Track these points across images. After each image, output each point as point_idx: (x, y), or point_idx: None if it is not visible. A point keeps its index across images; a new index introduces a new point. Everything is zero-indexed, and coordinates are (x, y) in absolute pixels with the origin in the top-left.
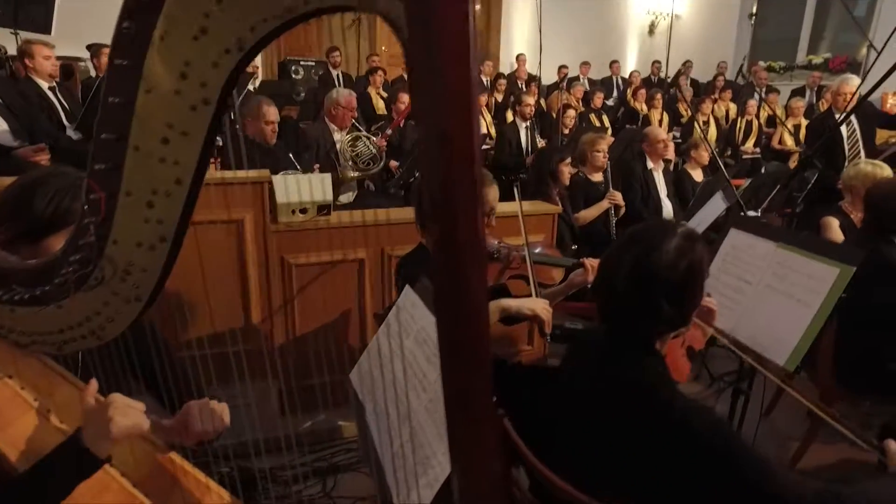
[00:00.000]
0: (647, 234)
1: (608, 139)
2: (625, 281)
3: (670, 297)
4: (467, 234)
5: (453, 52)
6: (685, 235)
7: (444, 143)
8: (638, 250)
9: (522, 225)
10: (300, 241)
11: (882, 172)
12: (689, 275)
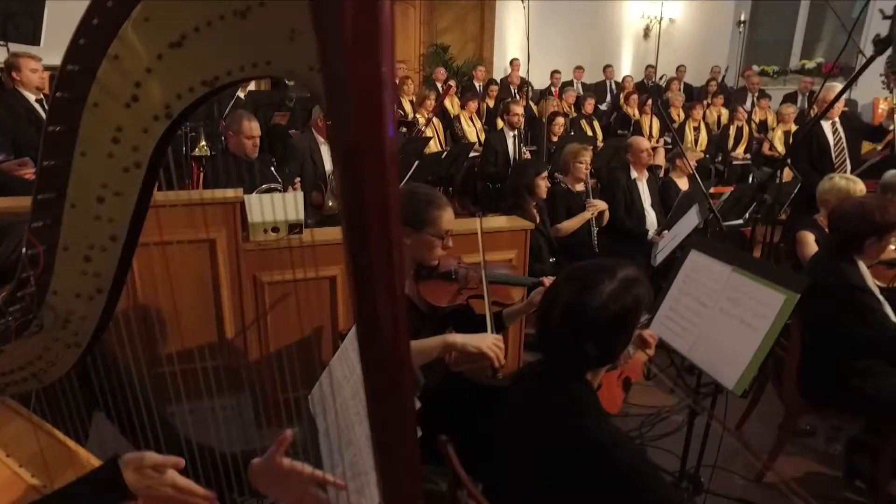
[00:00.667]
0: (587, 274)
1: (590, 150)
2: (558, 316)
3: (597, 337)
4: (382, 270)
5: (362, 55)
6: (623, 279)
7: (355, 156)
8: (574, 288)
9: (480, 244)
10: (272, 260)
11: (855, 187)
12: (619, 318)
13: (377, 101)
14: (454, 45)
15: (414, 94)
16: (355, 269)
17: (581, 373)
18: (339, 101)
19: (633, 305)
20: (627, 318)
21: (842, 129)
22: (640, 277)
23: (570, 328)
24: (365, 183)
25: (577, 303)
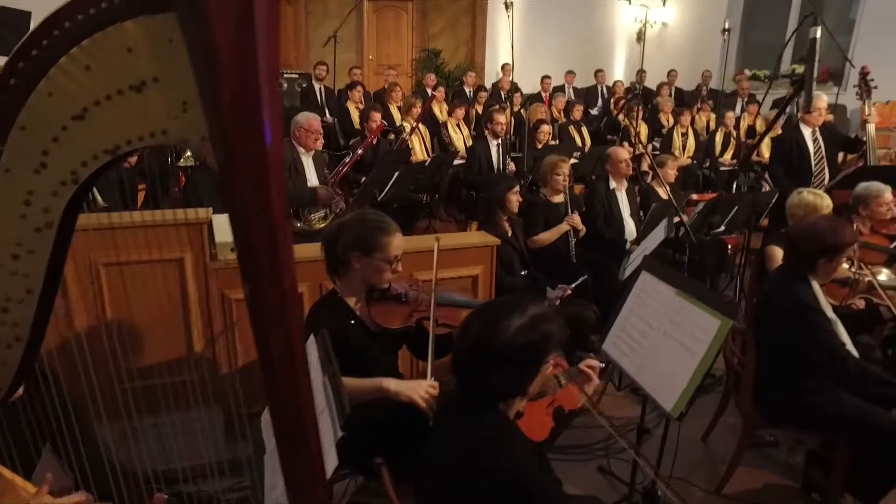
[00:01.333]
0: (499, 308)
1: (569, 162)
2: (468, 347)
3: (503, 370)
4: (273, 297)
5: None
6: (533, 316)
7: (244, 223)
8: (484, 321)
9: (434, 265)
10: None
11: (822, 202)
12: (525, 353)
13: (262, 171)
14: (446, 49)
15: (401, 100)
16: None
17: (492, 403)
18: (227, 170)
19: (541, 341)
20: (534, 352)
21: (822, 139)
22: (551, 316)
23: (479, 359)
24: (256, 247)
25: (486, 335)
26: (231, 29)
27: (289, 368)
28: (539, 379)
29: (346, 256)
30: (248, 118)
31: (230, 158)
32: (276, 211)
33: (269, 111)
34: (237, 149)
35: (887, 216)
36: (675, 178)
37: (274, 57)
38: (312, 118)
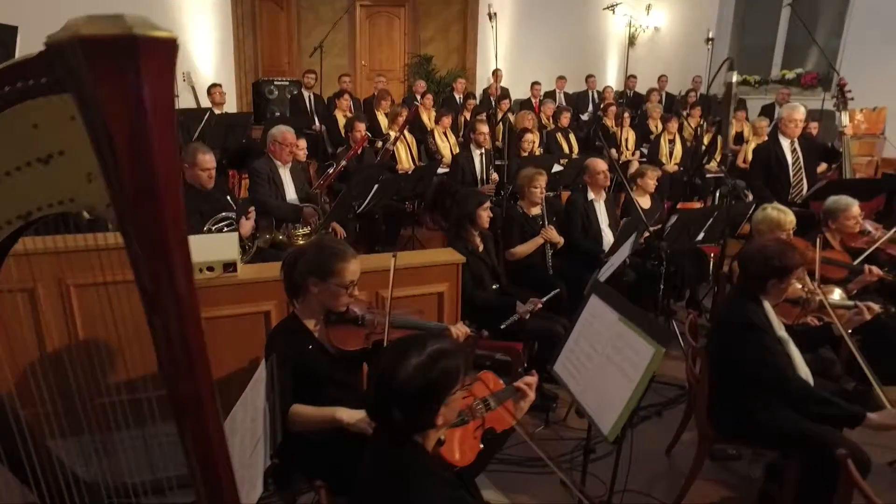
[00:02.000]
0: (402, 346)
1: (545, 175)
2: (372, 384)
3: (403, 406)
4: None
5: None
6: (432, 353)
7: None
8: (388, 359)
9: (391, 284)
10: (208, 296)
11: (786, 218)
12: (424, 391)
13: (161, 239)
14: (438, 55)
15: (388, 108)
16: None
17: (405, 436)
18: (130, 237)
19: (439, 378)
20: (432, 391)
21: (800, 149)
22: (451, 351)
23: (380, 397)
24: (160, 307)
25: (387, 373)
26: (123, 111)
27: (197, 416)
28: (449, 410)
29: (304, 282)
30: (144, 197)
31: (132, 228)
32: (178, 278)
33: (165, 186)
34: (136, 220)
35: (855, 230)
36: (654, 187)
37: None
38: (286, 131)
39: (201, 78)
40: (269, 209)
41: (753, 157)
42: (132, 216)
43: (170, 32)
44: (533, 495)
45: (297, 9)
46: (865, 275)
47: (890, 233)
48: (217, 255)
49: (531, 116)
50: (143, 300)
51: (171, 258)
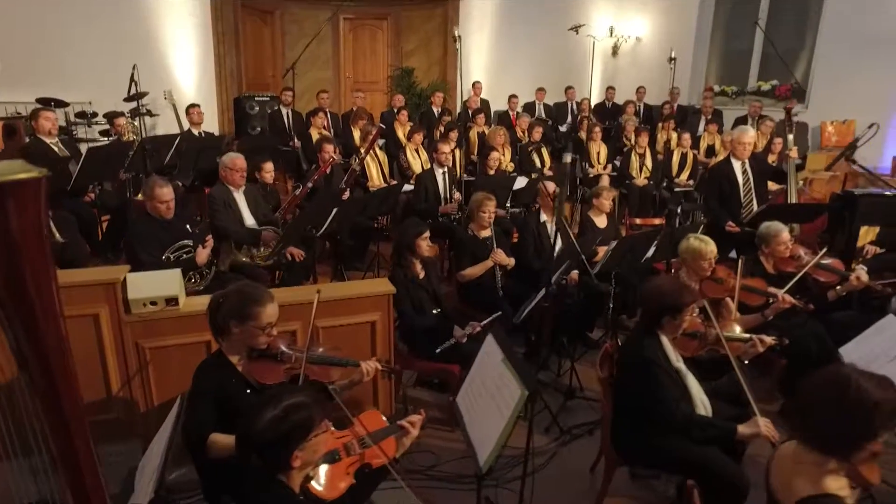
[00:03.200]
0: (264, 401)
1: (494, 200)
2: (238, 434)
3: (260, 454)
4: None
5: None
6: (285, 408)
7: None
8: (254, 412)
9: (313, 316)
10: (153, 328)
11: (706, 248)
12: (277, 440)
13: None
14: (420, 67)
15: (362, 126)
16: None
17: (269, 474)
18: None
19: (290, 429)
20: (285, 439)
21: (750, 170)
22: (304, 405)
23: (240, 447)
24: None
25: (248, 425)
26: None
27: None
28: (307, 453)
29: (226, 324)
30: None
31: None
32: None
33: (35, 288)
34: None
35: (786, 254)
36: (610, 207)
37: (39, 250)
38: (236, 157)
39: (183, 95)
40: (228, 234)
41: (708, 178)
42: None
43: (39, 172)
44: None
45: (281, 22)
46: (779, 302)
47: (816, 258)
48: (160, 290)
49: (503, 132)
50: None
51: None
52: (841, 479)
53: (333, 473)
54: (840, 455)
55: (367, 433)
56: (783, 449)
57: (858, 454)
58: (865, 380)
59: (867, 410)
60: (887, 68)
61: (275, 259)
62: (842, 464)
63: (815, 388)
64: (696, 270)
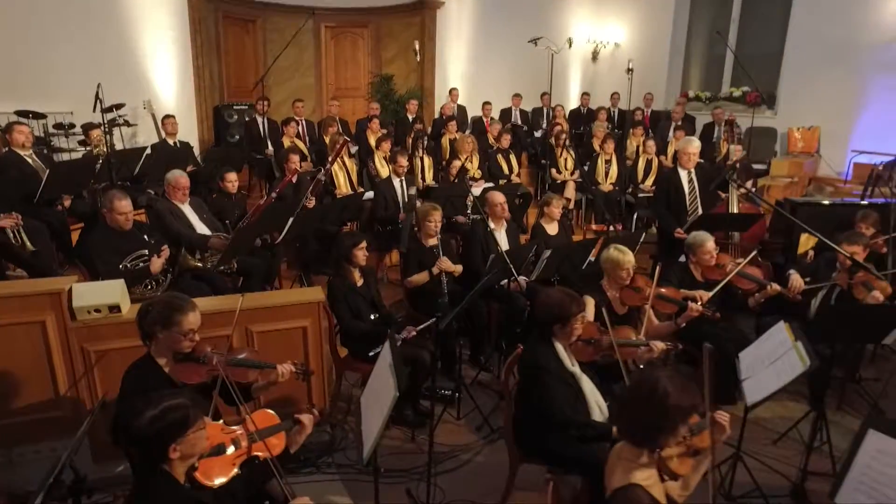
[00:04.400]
0: (145, 400)
1: (440, 210)
2: (117, 429)
3: (136, 449)
4: None
5: None
6: (163, 408)
7: None
8: (136, 410)
9: (235, 321)
10: (98, 333)
11: (624, 258)
12: (153, 437)
13: None
14: (399, 74)
15: (331, 135)
16: None
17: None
18: None
19: (165, 427)
20: (159, 436)
21: (696, 179)
22: (182, 406)
23: (120, 439)
24: None
25: (126, 421)
26: None
27: None
28: (186, 447)
29: (152, 330)
30: None
31: None
32: None
33: None
34: None
35: (711, 263)
36: (560, 216)
37: None
38: (179, 176)
39: (163, 105)
40: (180, 239)
41: (656, 186)
42: None
43: None
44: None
45: (262, 31)
46: (690, 311)
47: (738, 268)
48: (103, 299)
49: (471, 140)
50: None
51: None
52: (650, 470)
53: (218, 464)
54: (647, 447)
55: (256, 429)
56: (615, 447)
57: (664, 446)
58: (671, 384)
59: (667, 409)
60: (851, 76)
61: (227, 265)
62: (651, 456)
63: (631, 390)
64: (616, 279)
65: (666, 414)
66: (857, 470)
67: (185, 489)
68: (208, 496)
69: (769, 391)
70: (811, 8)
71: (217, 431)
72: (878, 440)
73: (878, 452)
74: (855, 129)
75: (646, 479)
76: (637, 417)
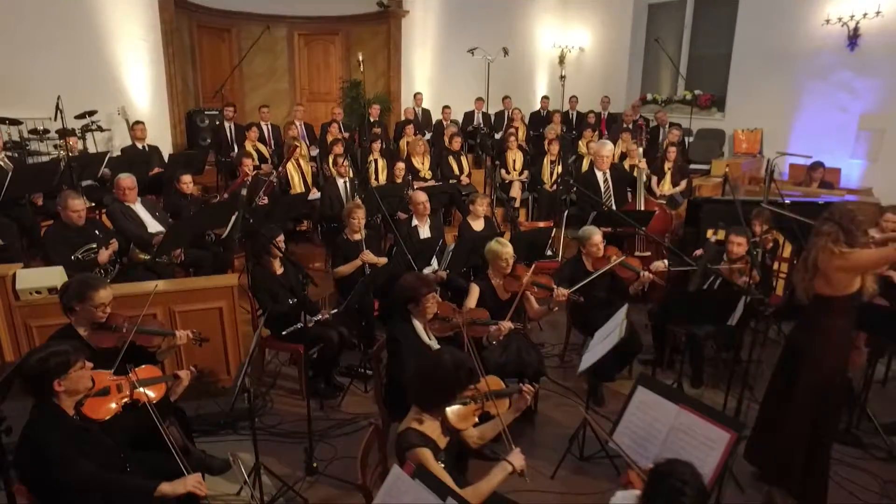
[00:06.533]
0: (41, 346)
1: (363, 208)
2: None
3: (32, 387)
4: None
5: None
6: (50, 352)
7: None
8: (28, 354)
9: (145, 308)
10: (39, 311)
11: (503, 249)
12: (39, 373)
13: None
14: (368, 79)
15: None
16: None
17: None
18: None
19: (48, 367)
20: (45, 373)
21: (610, 179)
22: (64, 351)
23: (15, 375)
24: None
25: (23, 361)
26: None
27: None
28: (70, 383)
29: (70, 304)
30: None
31: None
32: None
33: None
34: None
35: (599, 255)
36: (483, 213)
37: None
38: (122, 178)
39: (136, 111)
40: (130, 237)
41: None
42: None
43: None
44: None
45: (237, 39)
46: (556, 296)
47: (618, 260)
48: (42, 282)
49: (422, 142)
50: None
51: None
52: (432, 423)
53: (102, 403)
54: (428, 410)
55: (138, 379)
56: (413, 407)
57: (443, 408)
58: (451, 361)
59: (444, 381)
60: (788, 82)
61: (167, 257)
62: (433, 415)
63: (422, 363)
64: (497, 269)
65: (445, 388)
66: (626, 417)
67: (71, 419)
68: (94, 426)
69: (592, 361)
70: (753, 17)
71: (105, 378)
72: (643, 394)
73: (641, 403)
74: (792, 131)
75: (425, 428)
76: (423, 387)
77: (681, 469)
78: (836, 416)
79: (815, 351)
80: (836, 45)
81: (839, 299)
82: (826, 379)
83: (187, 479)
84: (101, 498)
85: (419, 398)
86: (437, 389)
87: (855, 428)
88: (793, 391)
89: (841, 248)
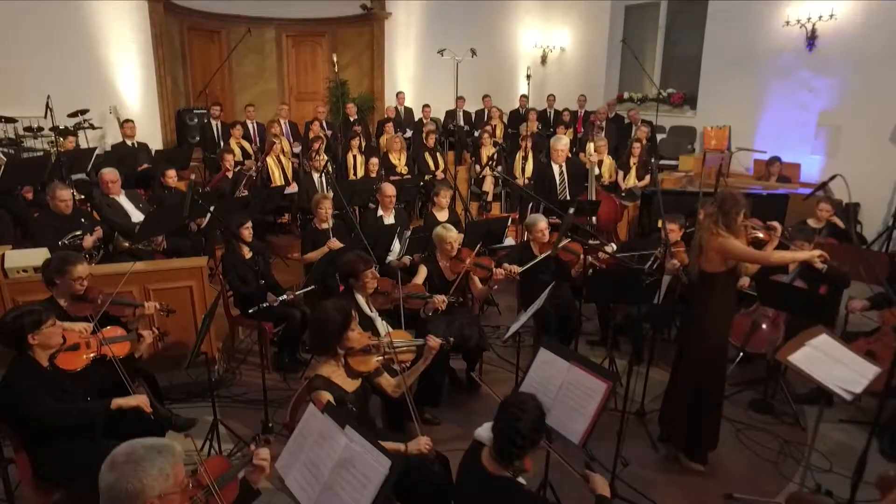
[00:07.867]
0: (17, 307)
1: (330, 199)
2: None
3: (7, 341)
4: None
5: None
6: (23, 310)
7: None
8: (5, 314)
9: (123, 282)
10: (27, 288)
11: (448, 234)
12: (14, 328)
13: None
14: (353, 79)
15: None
16: None
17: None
18: None
19: (19, 325)
20: (19, 328)
21: (566, 172)
22: (37, 310)
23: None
24: None
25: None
26: None
27: None
28: (43, 338)
29: (51, 278)
30: None
31: None
32: None
33: None
34: None
35: (544, 240)
36: (447, 204)
37: None
38: (105, 172)
39: (127, 109)
40: (114, 226)
41: (534, 178)
42: None
43: None
44: (239, 419)
45: (227, 41)
46: (495, 275)
47: (562, 243)
48: (29, 262)
49: (399, 139)
50: None
51: None
52: (334, 367)
53: (73, 356)
54: (324, 355)
55: (104, 337)
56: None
57: (337, 351)
58: (333, 311)
59: (327, 327)
60: (753, 80)
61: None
62: (334, 359)
63: (311, 316)
64: (443, 252)
65: (327, 330)
66: (530, 374)
67: (46, 370)
68: (67, 377)
69: (516, 328)
70: (721, 18)
71: (75, 336)
72: (543, 354)
73: (543, 362)
74: (757, 128)
75: (330, 372)
76: (313, 333)
77: (522, 398)
78: (718, 384)
79: (698, 324)
80: (795, 46)
81: (720, 275)
82: (707, 352)
83: (137, 396)
84: (67, 429)
85: (314, 345)
86: (323, 333)
87: (771, 398)
88: (680, 363)
89: (719, 230)
